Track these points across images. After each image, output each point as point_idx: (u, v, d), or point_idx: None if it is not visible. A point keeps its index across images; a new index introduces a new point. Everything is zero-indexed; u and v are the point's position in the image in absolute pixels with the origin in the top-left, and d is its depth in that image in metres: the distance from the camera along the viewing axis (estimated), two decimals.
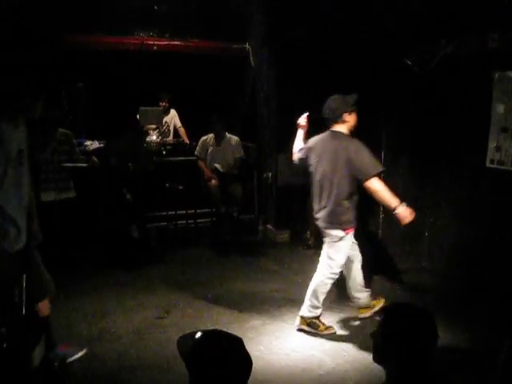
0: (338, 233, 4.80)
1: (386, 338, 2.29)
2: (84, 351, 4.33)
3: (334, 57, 6.87)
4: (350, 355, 4.49)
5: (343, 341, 4.77)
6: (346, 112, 4.83)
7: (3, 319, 1.76)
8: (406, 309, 2.36)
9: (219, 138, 7.66)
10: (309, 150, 5.00)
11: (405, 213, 4.60)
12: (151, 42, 8.04)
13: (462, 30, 5.53)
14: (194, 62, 8.60)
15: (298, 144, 5.19)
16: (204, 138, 7.78)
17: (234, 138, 7.75)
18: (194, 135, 8.47)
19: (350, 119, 4.86)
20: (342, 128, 4.85)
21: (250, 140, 8.34)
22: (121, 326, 5.02)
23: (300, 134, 5.23)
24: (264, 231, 8.21)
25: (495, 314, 4.96)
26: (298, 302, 5.55)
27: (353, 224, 4.85)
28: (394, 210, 4.62)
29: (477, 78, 5.65)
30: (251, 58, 8.31)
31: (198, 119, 8.31)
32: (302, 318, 4.96)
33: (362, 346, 4.58)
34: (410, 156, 6.47)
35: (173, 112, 9.25)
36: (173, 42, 8.14)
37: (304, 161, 5.06)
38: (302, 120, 5.22)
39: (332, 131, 4.89)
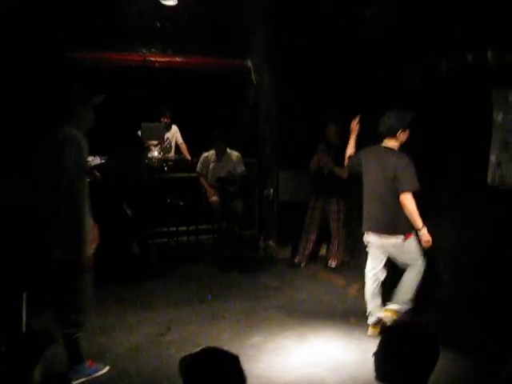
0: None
1: (385, 357, 2.29)
2: (108, 368, 4.41)
3: (335, 73, 6.89)
4: (353, 372, 4.45)
5: (347, 358, 4.73)
6: (401, 129, 4.98)
7: (3, 337, 1.75)
8: (407, 329, 2.36)
9: (220, 154, 7.66)
10: (359, 160, 5.24)
11: (427, 236, 4.85)
12: (153, 59, 8.07)
13: (460, 46, 5.55)
14: (195, 79, 8.64)
15: (350, 150, 5.45)
16: (205, 154, 7.78)
17: (235, 154, 7.74)
18: (196, 151, 8.48)
19: (403, 137, 5.02)
20: (393, 144, 5.02)
21: (251, 156, 8.34)
22: (120, 342, 4.98)
23: (352, 139, 5.50)
24: (265, 247, 8.20)
25: (496, 328, 4.94)
26: (298, 319, 5.55)
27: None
28: (419, 230, 4.85)
29: (477, 94, 5.66)
30: (253, 75, 8.35)
31: (199, 135, 8.33)
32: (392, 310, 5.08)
33: (366, 364, 4.52)
34: None
35: (174, 128, 9.27)
36: (174, 59, 8.18)
37: (353, 169, 5.40)
38: (354, 124, 5.49)
39: (384, 147, 5.05)
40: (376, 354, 2.33)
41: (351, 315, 5.71)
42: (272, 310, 5.79)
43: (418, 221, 4.84)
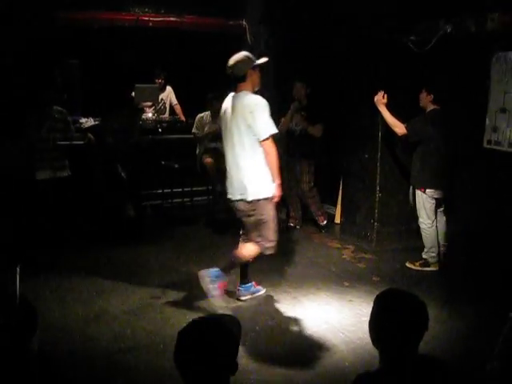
0: None
1: (377, 325, 2.35)
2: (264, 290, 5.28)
3: (331, 35, 6.80)
4: (346, 336, 4.51)
5: (340, 322, 4.78)
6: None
7: None
8: (397, 296, 2.39)
9: (216, 115, 7.59)
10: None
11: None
12: (146, 18, 7.91)
13: (460, 9, 5.47)
14: (189, 39, 8.50)
15: (395, 119, 5.80)
16: (201, 115, 7.72)
17: None
18: (190, 112, 8.40)
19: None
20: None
21: None
22: (116, 306, 5.02)
23: (386, 110, 5.81)
24: None
25: (491, 293, 5.02)
26: (293, 282, 5.59)
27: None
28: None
29: (475, 58, 5.62)
30: (248, 35, 8.23)
31: (194, 96, 8.25)
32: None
33: (360, 327, 4.59)
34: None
35: (169, 89, 9.16)
36: (168, 18, 8.02)
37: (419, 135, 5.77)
38: (380, 97, 5.81)
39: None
40: (369, 322, 2.37)
41: (344, 278, 5.76)
42: (266, 273, 5.80)
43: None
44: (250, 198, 4.74)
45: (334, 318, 4.87)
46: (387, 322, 2.30)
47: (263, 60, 4.82)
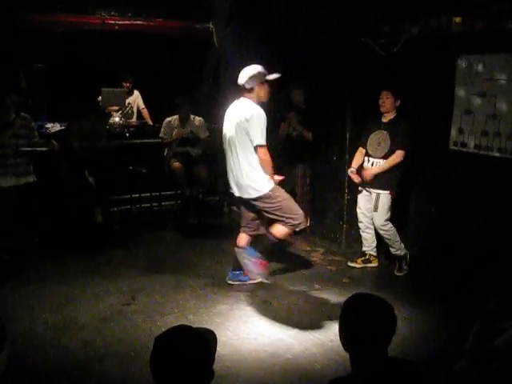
0: None
1: (346, 330, 2.37)
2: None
3: (297, 37, 6.83)
4: (317, 339, 4.52)
5: (311, 325, 4.78)
6: None
7: None
8: (364, 301, 2.42)
9: (184, 120, 7.57)
10: None
11: None
12: (113, 22, 7.86)
13: (426, 11, 5.54)
14: (156, 43, 8.46)
15: (390, 161, 5.79)
16: (168, 119, 7.67)
17: (198, 119, 7.67)
18: (158, 117, 8.35)
19: None
20: None
21: (214, 121, 8.25)
22: (86, 313, 4.94)
23: (377, 169, 5.85)
24: (229, 213, 8.19)
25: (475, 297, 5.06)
26: (265, 287, 5.58)
27: None
28: None
29: (441, 60, 5.69)
30: (215, 38, 8.22)
31: (161, 100, 8.21)
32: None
33: (330, 329, 4.60)
34: None
35: (136, 93, 9.09)
36: (135, 22, 7.98)
37: None
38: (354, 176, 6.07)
39: None
40: (339, 327, 2.39)
41: (315, 280, 5.78)
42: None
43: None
44: (256, 195, 5.15)
45: (305, 320, 4.88)
46: (355, 327, 2.32)
47: (274, 76, 5.17)
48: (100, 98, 8.05)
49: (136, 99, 9.09)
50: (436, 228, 6.02)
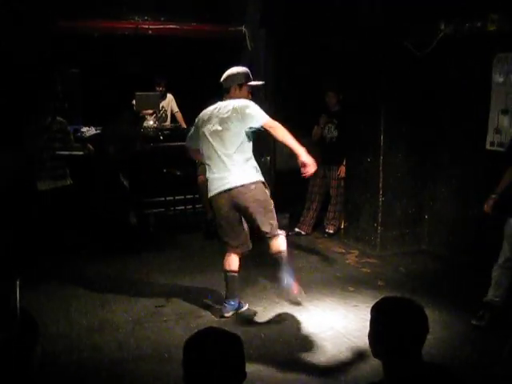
0: None
1: (376, 336, 2.32)
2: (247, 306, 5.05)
3: (332, 39, 6.80)
4: (352, 341, 4.47)
5: (345, 328, 4.74)
6: None
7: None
8: (395, 306, 2.36)
9: None
10: None
11: None
12: (146, 26, 7.91)
13: (461, 11, 5.46)
14: (190, 46, 8.51)
15: None
16: None
17: None
18: (191, 120, 8.36)
19: None
20: None
21: None
22: (120, 315, 4.99)
23: None
24: None
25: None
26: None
27: None
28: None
29: (476, 59, 5.60)
30: (248, 41, 8.22)
31: (194, 104, 8.22)
32: None
33: (365, 332, 4.52)
34: (409, 138, 6.42)
35: (169, 97, 9.16)
36: (168, 26, 8.02)
37: None
38: None
39: None
40: (368, 336, 2.34)
41: (349, 283, 5.73)
42: (270, 279, 5.76)
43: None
44: (256, 178, 4.72)
45: (340, 323, 4.84)
46: (385, 335, 2.25)
47: (256, 83, 5.06)
48: (134, 101, 8.12)
49: (170, 103, 9.15)
50: (475, 230, 5.91)
